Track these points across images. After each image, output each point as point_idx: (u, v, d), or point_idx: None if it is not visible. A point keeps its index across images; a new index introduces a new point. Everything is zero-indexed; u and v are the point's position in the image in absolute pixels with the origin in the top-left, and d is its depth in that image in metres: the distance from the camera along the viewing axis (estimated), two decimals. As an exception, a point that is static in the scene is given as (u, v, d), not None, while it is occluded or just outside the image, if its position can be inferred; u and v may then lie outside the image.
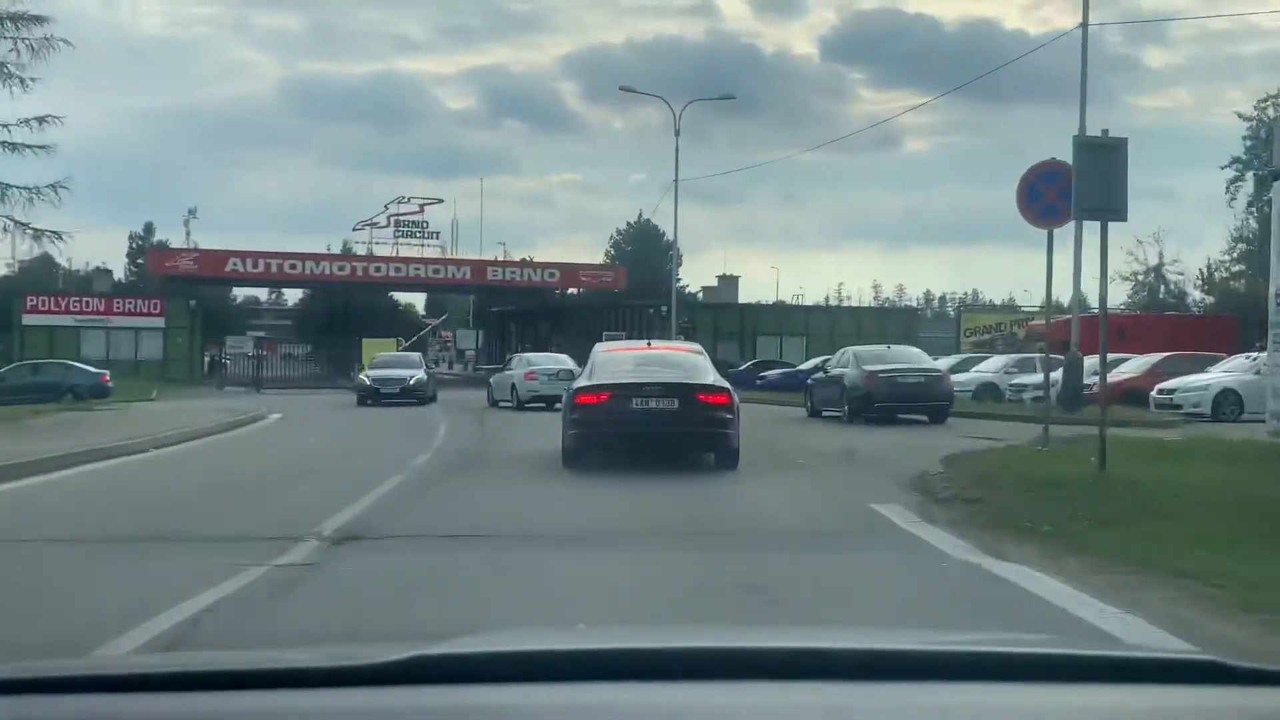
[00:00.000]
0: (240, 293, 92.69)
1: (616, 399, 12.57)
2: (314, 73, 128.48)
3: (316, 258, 54.65)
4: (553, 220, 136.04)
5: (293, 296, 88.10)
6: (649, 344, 15.40)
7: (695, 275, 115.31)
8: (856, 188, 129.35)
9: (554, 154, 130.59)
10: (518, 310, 69.04)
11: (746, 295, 57.70)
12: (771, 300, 69.68)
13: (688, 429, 12.60)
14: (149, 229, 75.46)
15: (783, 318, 52.93)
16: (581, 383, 13.31)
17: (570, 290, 60.83)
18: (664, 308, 50.93)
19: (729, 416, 12.53)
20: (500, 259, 60.46)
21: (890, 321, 53.20)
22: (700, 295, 61.78)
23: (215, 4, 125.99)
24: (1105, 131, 11.65)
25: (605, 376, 13.08)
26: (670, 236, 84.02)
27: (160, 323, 53.32)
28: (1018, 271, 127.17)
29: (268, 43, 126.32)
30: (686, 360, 13.81)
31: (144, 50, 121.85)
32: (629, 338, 49.41)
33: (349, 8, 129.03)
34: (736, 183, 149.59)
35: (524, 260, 61.15)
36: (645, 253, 75.24)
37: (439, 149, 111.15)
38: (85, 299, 53.33)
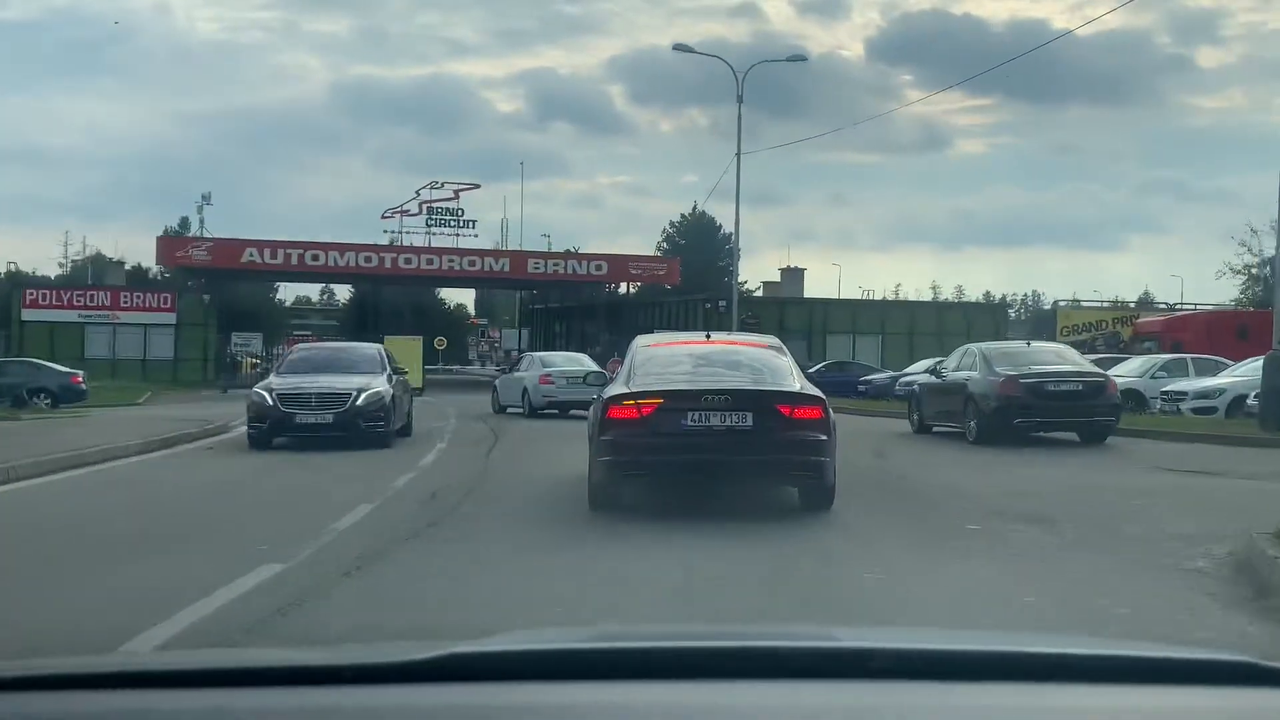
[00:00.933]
0: (290, 292, 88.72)
1: (666, 413, 9.05)
2: (363, 76, 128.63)
3: (341, 248, 49.85)
4: (602, 222, 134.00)
5: (344, 295, 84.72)
6: (708, 336, 11.31)
7: (750, 276, 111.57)
8: (906, 189, 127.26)
9: (602, 156, 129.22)
10: (561, 308, 64.10)
11: (809, 294, 52.29)
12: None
13: (768, 456, 9.07)
14: (184, 224, 71.48)
15: (856, 314, 47.21)
16: (616, 390, 9.57)
17: (618, 286, 55.67)
18: (722, 302, 45.62)
19: (824, 438, 9.13)
20: (543, 251, 55.28)
21: (977, 318, 47.44)
22: (759, 292, 56.34)
23: (268, 9, 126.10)
24: None
25: (650, 381, 9.44)
26: (728, 229, 79.27)
27: (171, 318, 48.86)
28: (1076, 272, 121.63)
29: (318, 46, 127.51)
30: (760, 358, 10.16)
31: (198, 54, 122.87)
32: (683, 336, 44.12)
33: (400, 11, 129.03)
34: (786, 184, 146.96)
35: (568, 252, 56.12)
36: (700, 247, 69.98)
37: (487, 151, 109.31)
38: (90, 292, 48.98)
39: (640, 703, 1.59)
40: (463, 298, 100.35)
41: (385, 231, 52.15)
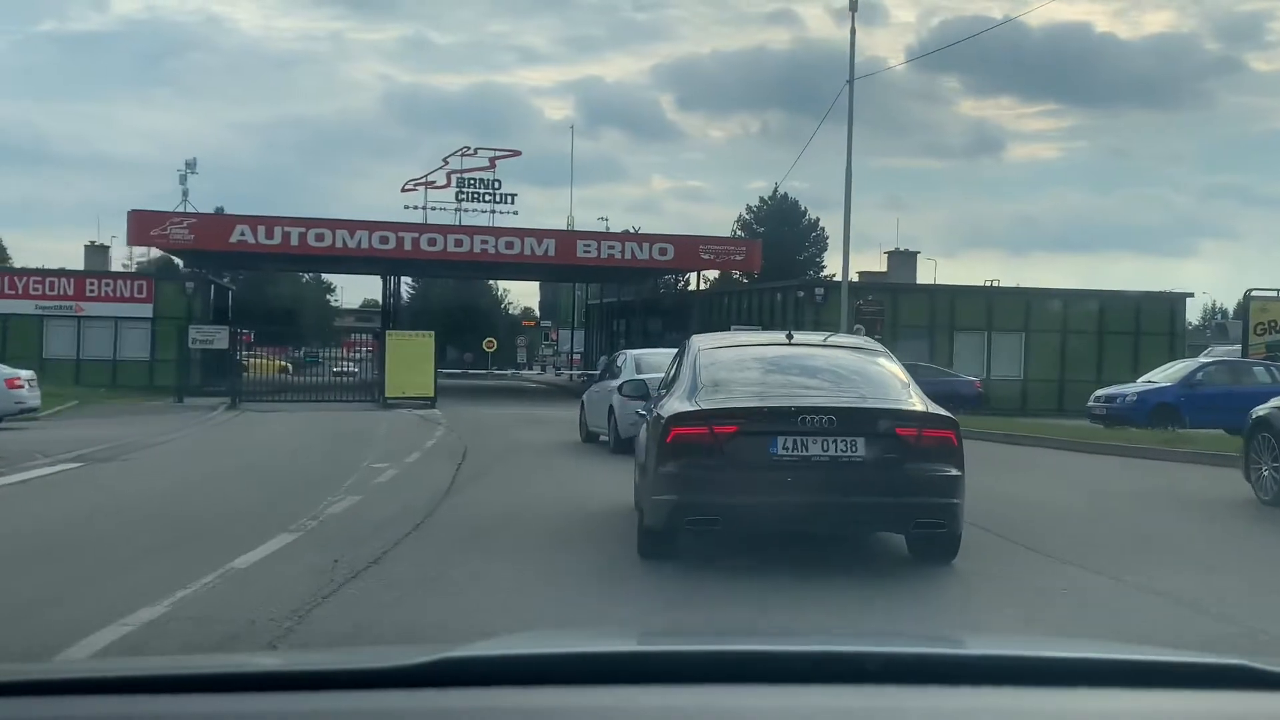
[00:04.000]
0: (356, 293, 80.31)
1: (748, 438, 7.19)
2: (415, 84, 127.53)
3: (351, 226, 41.04)
4: (660, 227, 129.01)
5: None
6: (790, 337, 8.83)
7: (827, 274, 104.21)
8: (963, 194, 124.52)
9: (655, 162, 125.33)
10: (619, 303, 54.89)
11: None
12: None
13: (886, 498, 7.19)
14: (219, 213, 63.28)
15: (992, 305, 37.22)
16: (678, 406, 7.51)
17: (686, 276, 46.29)
18: (820, 290, 36.03)
19: (957, 473, 7.24)
20: (596, 231, 45.94)
21: (1149, 310, 37.26)
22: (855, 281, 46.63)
23: (321, 20, 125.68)
24: None
25: (723, 396, 7.55)
26: (814, 213, 69.60)
27: (147, 310, 40.44)
28: (1149, 277, 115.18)
29: (373, 54, 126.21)
30: (861, 367, 8.27)
31: (257, 63, 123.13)
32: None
33: (455, 20, 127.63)
34: (840, 190, 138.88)
35: (627, 233, 46.88)
36: (781, 234, 60.29)
37: (540, 157, 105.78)
38: (50, 279, 40.63)
39: (636, 707, 1.59)
40: (525, 293, 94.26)
41: (406, 208, 43.23)
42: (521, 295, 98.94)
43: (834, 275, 50.27)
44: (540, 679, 1.65)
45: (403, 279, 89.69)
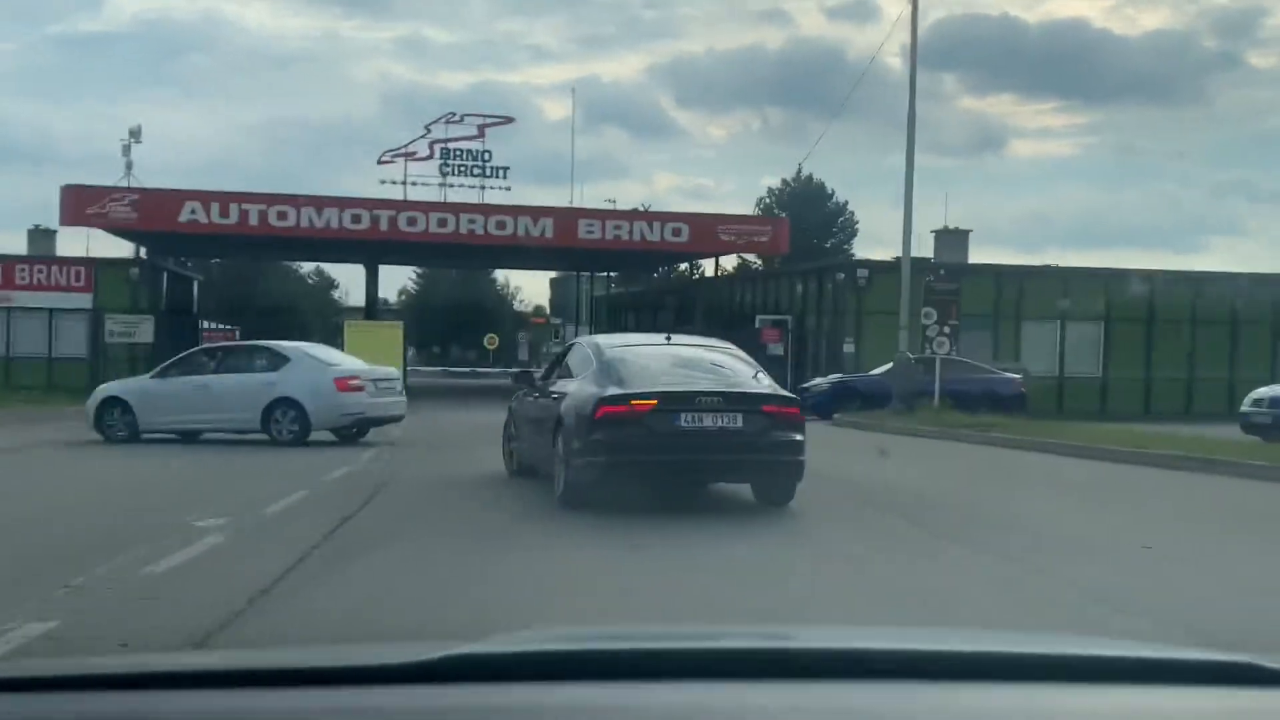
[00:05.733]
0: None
1: (661, 414, 9.47)
2: (415, 82, 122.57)
3: (319, 203, 35.75)
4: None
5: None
6: (668, 338, 11.30)
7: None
8: (968, 190, 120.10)
9: (657, 160, 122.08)
10: (627, 293, 49.60)
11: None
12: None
13: (758, 456, 9.69)
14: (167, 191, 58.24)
15: (1070, 287, 31.58)
16: (599, 389, 9.68)
17: (699, 260, 40.92)
18: (862, 272, 30.53)
19: (802, 439, 9.82)
20: (602, 209, 40.49)
21: (1259, 297, 31.61)
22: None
23: (322, 19, 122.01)
24: None
25: (639, 381, 9.72)
26: (841, 196, 64.00)
27: (86, 301, 35.22)
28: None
29: (374, 53, 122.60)
30: (726, 360, 10.68)
31: (262, 62, 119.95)
32: (795, 326, 29.38)
33: (457, 18, 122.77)
34: (846, 188, 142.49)
35: (636, 211, 41.50)
36: (807, 218, 54.72)
37: (542, 156, 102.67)
38: (-30, 264, 35.48)
39: (642, 703, 1.58)
40: (537, 292, 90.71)
41: (383, 183, 37.89)
42: (533, 294, 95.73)
43: (860, 262, 44.96)
44: (545, 675, 1.63)
45: (409, 273, 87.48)
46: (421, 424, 20.14)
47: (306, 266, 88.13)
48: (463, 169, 38.22)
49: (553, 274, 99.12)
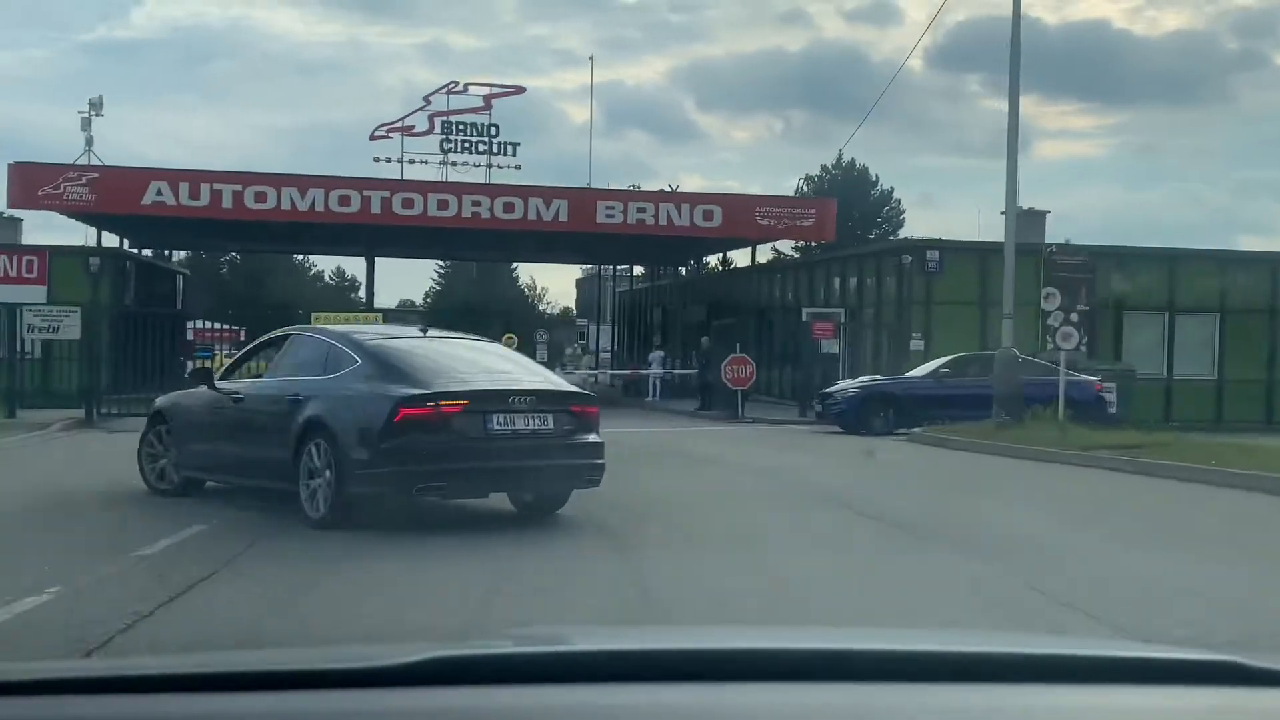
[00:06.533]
0: (392, 293, 72.13)
1: (472, 416, 8.45)
2: (430, 85, 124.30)
3: (301, 183, 31.39)
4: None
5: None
6: (424, 332, 10.08)
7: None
8: (993, 191, 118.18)
9: (680, 164, 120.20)
10: (653, 287, 45.07)
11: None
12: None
13: (569, 460, 8.88)
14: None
15: (1175, 274, 26.73)
16: (405, 389, 8.43)
17: (726, 250, 36.32)
18: (932, 254, 25.87)
19: (601, 441, 9.12)
20: (623, 190, 35.89)
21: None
22: (935, 253, 36.19)
23: (360, 24, 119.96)
24: None
25: (441, 380, 8.60)
26: (887, 183, 59.15)
27: (40, 294, 30.88)
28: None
29: (394, 59, 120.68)
30: (511, 355, 10.37)
31: (283, 70, 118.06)
32: (845, 320, 24.78)
33: (475, 27, 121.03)
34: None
35: (663, 192, 36.93)
36: (850, 207, 49.93)
37: (566, 159, 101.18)
38: (-93, 253, 31.25)
39: (628, 705, 1.58)
40: (565, 293, 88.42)
41: (377, 160, 33.43)
42: (562, 296, 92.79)
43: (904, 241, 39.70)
44: (530, 678, 1.62)
45: (433, 272, 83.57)
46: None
47: (326, 265, 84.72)
48: (466, 145, 33.78)
49: (579, 274, 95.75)
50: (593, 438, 8.95)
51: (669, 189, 40.16)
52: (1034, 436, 15.77)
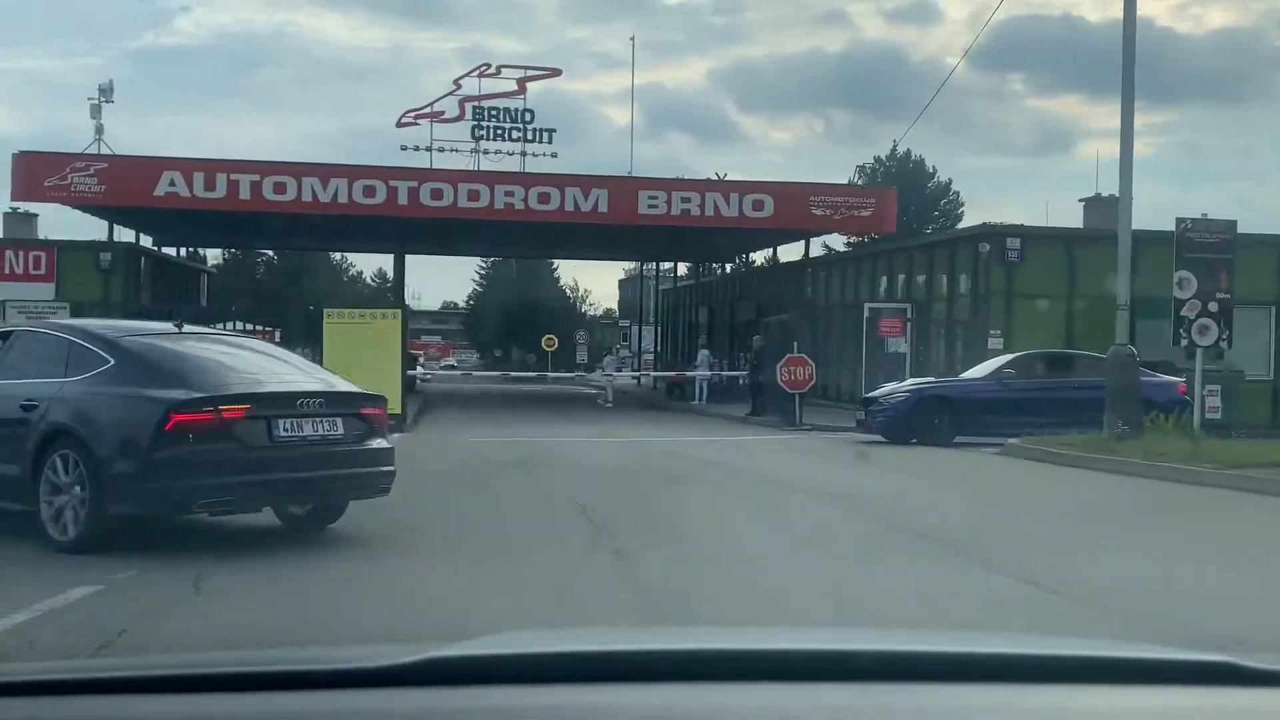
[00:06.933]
0: (435, 295, 70.48)
1: (255, 422, 7.62)
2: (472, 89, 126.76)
3: (323, 173, 29.34)
4: None
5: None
6: (179, 327, 8.72)
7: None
8: (1037, 191, 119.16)
9: (721, 165, 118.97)
10: (698, 284, 42.73)
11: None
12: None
13: (362, 468, 8.13)
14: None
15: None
16: (177, 392, 7.48)
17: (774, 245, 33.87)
18: (1013, 243, 23.38)
19: (391, 446, 8.48)
20: (668, 179, 33.51)
21: None
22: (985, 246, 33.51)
23: (403, 30, 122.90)
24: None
25: (216, 381, 7.68)
26: (944, 174, 56.41)
27: (48, 292, 29.18)
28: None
29: (438, 63, 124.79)
30: (284, 355, 9.45)
31: (327, 75, 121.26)
32: (911, 317, 22.38)
33: (519, 31, 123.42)
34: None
35: (709, 181, 34.56)
36: (904, 199, 47.36)
37: (607, 161, 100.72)
38: (-93, 248, 29.52)
39: (624, 705, 1.56)
40: (608, 295, 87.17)
41: (404, 149, 31.39)
42: (605, 298, 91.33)
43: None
44: (527, 678, 1.62)
45: (473, 273, 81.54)
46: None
47: (366, 266, 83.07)
48: (499, 132, 31.66)
49: (621, 274, 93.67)
50: (383, 443, 8.30)
51: (717, 177, 37.71)
52: (1163, 451, 13.21)
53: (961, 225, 49.80)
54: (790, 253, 35.49)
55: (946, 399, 18.53)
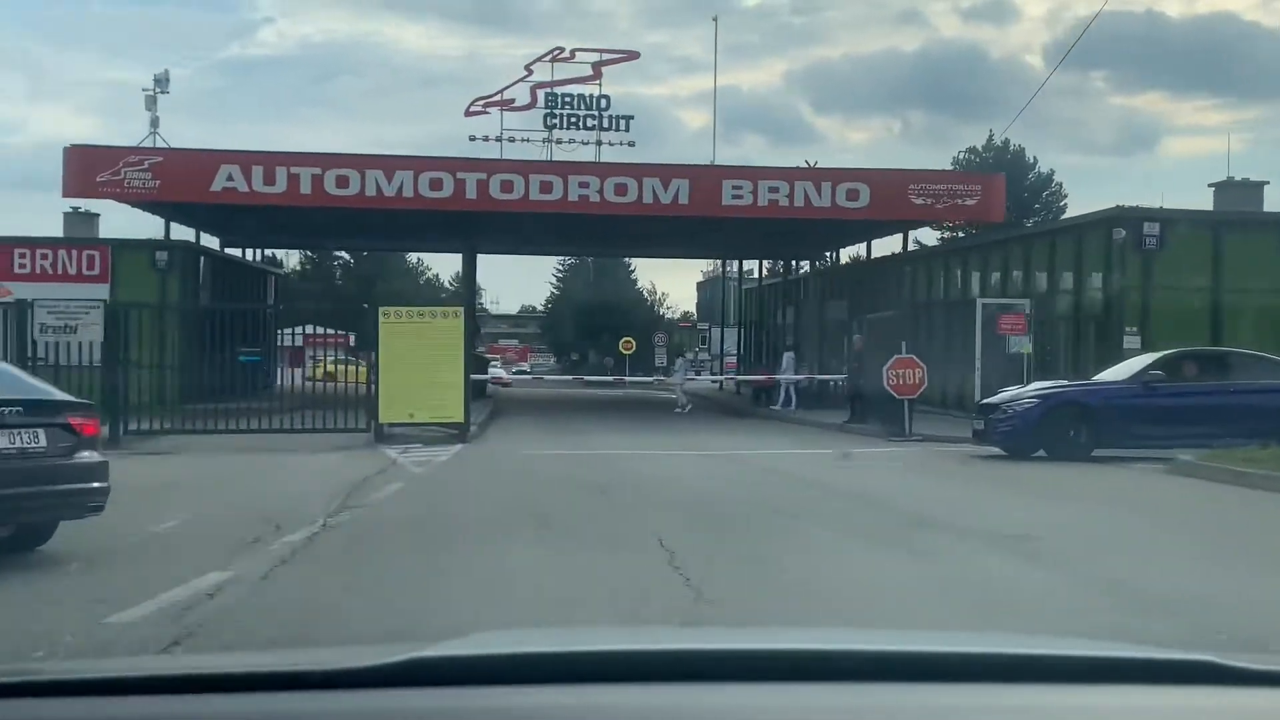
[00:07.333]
0: (515, 298, 69.65)
1: None
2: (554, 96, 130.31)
3: (387, 165, 27.56)
4: None
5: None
6: None
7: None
8: (1124, 190, 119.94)
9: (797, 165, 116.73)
10: (785, 282, 40.43)
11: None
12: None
13: (65, 485, 7.34)
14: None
15: None
16: None
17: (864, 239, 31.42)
18: (1150, 229, 20.84)
19: (104, 460, 7.83)
20: (755, 167, 31.20)
21: None
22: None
23: (480, 37, 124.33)
24: None
25: None
26: (1045, 166, 53.34)
27: (104, 292, 27.74)
28: None
29: (514, 70, 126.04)
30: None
31: (407, 82, 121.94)
32: (1032, 315, 19.97)
33: (595, 36, 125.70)
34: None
35: (799, 169, 32.16)
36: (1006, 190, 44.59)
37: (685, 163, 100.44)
38: (-42, 249, 28.31)
39: (610, 705, 1.56)
40: (685, 297, 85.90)
41: (473, 139, 29.51)
42: (682, 300, 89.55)
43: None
44: (511, 679, 1.61)
45: (550, 276, 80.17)
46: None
47: (444, 269, 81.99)
48: (573, 120, 29.64)
49: (699, 276, 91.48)
50: (94, 456, 7.63)
51: (807, 164, 35.31)
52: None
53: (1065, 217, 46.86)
54: (884, 246, 33.11)
55: (1084, 406, 16.06)
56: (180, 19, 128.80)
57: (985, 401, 17.15)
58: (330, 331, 42.97)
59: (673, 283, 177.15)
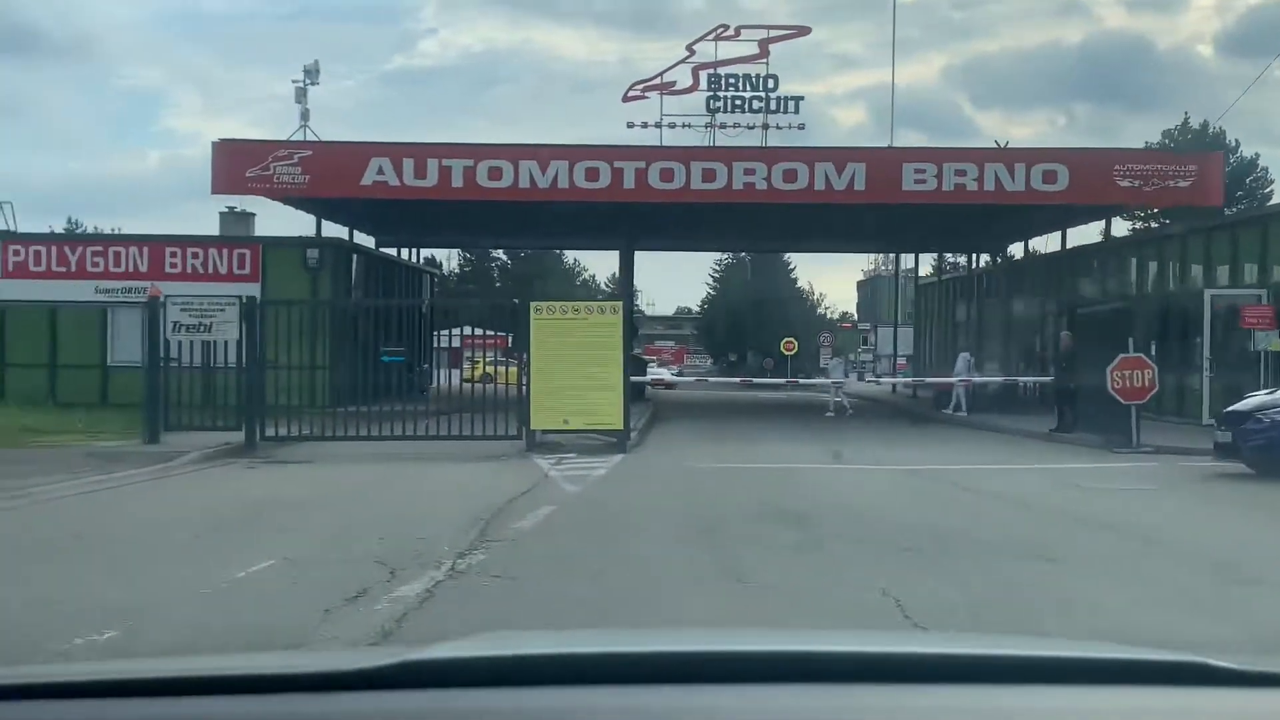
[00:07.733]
0: (670, 299, 68.73)
1: None
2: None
3: (542, 155, 25.95)
4: None
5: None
6: None
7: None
8: None
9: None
10: (964, 276, 37.61)
11: None
12: None
13: None
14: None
15: None
16: None
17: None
18: None
19: None
20: (937, 148, 28.56)
21: None
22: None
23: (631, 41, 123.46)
24: None
25: None
26: (1239, 144, 48.86)
27: (254, 291, 26.85)
28: None
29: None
30: None
31: (562, 89, 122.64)
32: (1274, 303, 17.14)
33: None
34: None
35: (990, 150, 29.46)
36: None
37: None
38: (114, 249, 27.74)
39: (600, 707, 1.56)
40: (844, 298, 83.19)
41: (630, 125, 27.75)
42: (841, 301, 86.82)
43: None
44: (504, 681, 1.61)
45: (708, 276, 78.33)
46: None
47: (601, 270, 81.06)
48: (738, 103, 27.57)
49: (859, 275, 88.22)
50: None
51: (997, 145, 32.52)
52: None
53: (1271, 203, 42.68)
54: (1077, 236, 30.10)
55: None
56: (346, 34, 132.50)
57: (1231, 409, 14.49)
58: (489, 333, 41.97)
59: (830, 283, 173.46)
